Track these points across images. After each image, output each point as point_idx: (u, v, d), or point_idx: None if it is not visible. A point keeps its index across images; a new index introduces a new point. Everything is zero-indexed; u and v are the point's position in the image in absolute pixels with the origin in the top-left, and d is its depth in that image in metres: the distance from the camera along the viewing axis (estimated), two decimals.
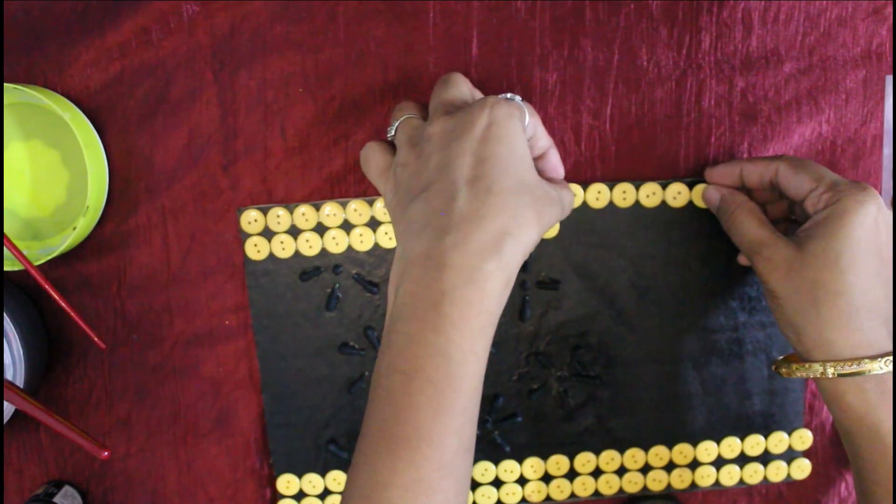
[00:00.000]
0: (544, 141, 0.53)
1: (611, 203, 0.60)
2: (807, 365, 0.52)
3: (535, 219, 0.47)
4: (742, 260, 0.60)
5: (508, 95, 0.50)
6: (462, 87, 0.52)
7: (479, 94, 0.53)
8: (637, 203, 0.60)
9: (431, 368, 0.45)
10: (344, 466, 0.63)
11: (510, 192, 0.46)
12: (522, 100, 0.50)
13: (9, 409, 0.57)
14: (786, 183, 0.54)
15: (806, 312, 0.52)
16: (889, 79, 0.60)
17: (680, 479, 0.65)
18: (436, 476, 0.44)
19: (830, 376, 0.51)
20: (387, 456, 0.44)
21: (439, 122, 0.49)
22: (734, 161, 0.58)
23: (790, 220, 0.58)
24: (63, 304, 0.55)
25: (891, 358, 0.50)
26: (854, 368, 0.50)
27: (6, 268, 0.54)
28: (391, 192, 0.50)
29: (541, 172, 0.52)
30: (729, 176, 0.58)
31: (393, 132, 0.52)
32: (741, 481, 0.65)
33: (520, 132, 0.48)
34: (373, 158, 0.52)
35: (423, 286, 0.45)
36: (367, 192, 0.59)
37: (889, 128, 0.61)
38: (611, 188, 0.59)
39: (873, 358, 0.50)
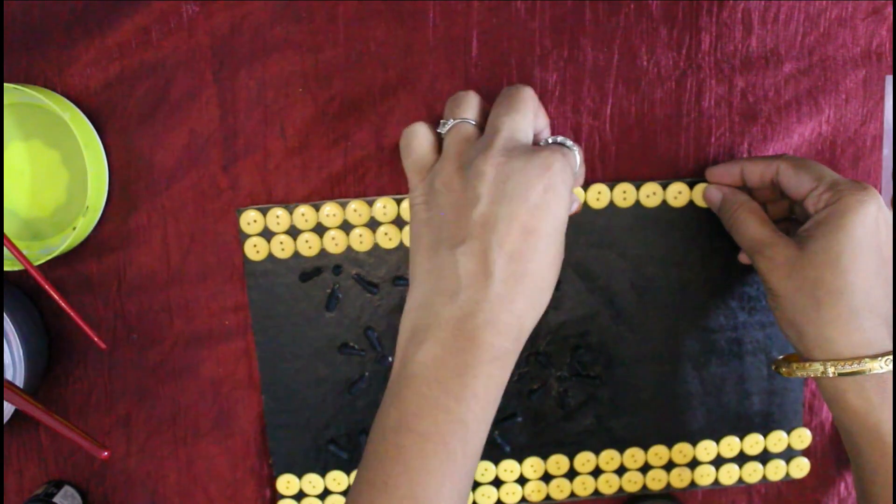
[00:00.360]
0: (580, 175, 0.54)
1: (611, 203, 0.60)
2: (807, 364, 0.52)
3: (551, 292, 0.49)
4: (743, 258, 0.60)
5: (560, 140, 0.49)
6: (527, 114, 0.50)
7: (541, 115, 0.52)
8: (637, 203, 0.60)
9: (448, 434, 0.45)
10: (344, 466, 0.63)
11: (542, 277, 0.47)
12: (574, 143, 0.50)
13: (9, 409, 0.57)
14: (786, 182, 0.54)
15: (806, 312, 0.52)
16: (889, 79, 0.60)
17: (679, 479, 0.65)
18: None
19: (831, 375, 0.51)
20: None
21: (494, 160, 0.47)
22: (735, 160, 0.58)
23: (790, 219, 0.58)
24: (63, 304, 0.55)
25: (891, 357, 0.50)
26: (855, 367, 0.50)
27: (6, 268, 0.54)
28: (422, 198, 0.50)
29: None
30: (730, 175, 0.58)
31: (445, 130, 0.51)
32: (740, 480, 0.65)
33: (568, 195, 0.48)
34: (417, 148, 0.51)
35: (449, 354, 0.46)
36: (367, 192, 0.59)
37: (889, 128, 0.61)
38: (611, 188, 0.59)
39: (874, 357, 0.50)
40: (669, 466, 0.65)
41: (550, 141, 0.50)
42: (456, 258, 0.47)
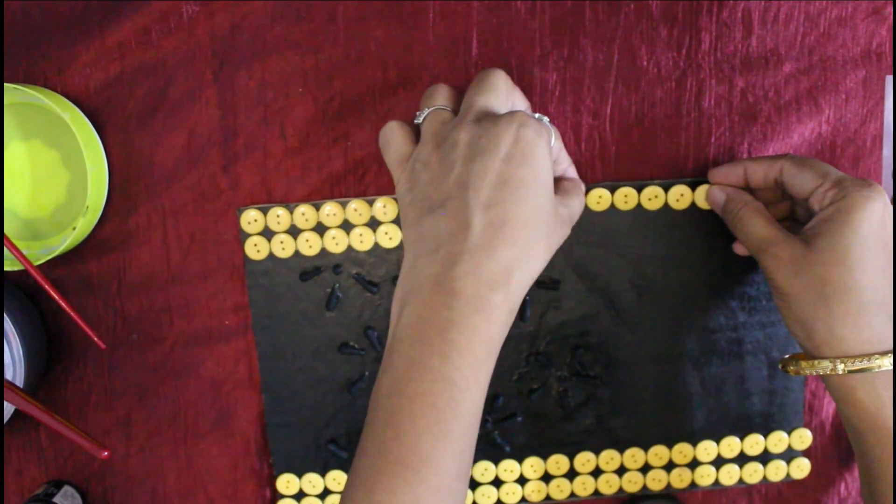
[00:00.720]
0: (565, 163, 0.54)
1: (612, 205, 0.60)
2: (816, 362, 0.52)
3: (545, 248, 0.48)
4: (738, 249, 0.60)
5: (536, 115, 0.49)
6: (499, 93, 0.50)
7: (517, 97, 0.52)
8: (639, 205, 0.60)
9: (434, 393, 0.45)
10: (344, 466, 0.63)
11: (524, 223, 0.46)
12: (550, 121, 0.50)
13: (9, 409, 0.57)
14: (790, 180, 0.54)
15: (815, 309, 0.52)
16: (889, 79, 0.60)
17: (680, 479, 0.65)
18: (433, 500, 0.44)
19: (840, 372, 0.51)
20: (385, 477, 0.44)
21: (467, 128, 0.48)
22: (737, 161, 0.58)
23: (792, 219, 0.58)
24: (63, 304, 0.55)
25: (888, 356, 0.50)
26: (864, 364, 0.50)
27: (6, 268, 0.54)
28: (406, 185, 0.50)
29: (556, 182, 0.52)
30: (733, 175, 0.58)
31: (421, 120, 0.51)
32: (741, 481, 0.65)
33: (545, 155, 0.48)
34: (393, 142, 0.52)
35: (430, 310, 0.46)
36: (367, 192, 0.59)
37: (889, 128, 0.61)
38: (612, 192, 0.59)
39: (884, 353, 0.50)
40: (670, 467, 0.65)
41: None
42: (436, 219, 0.47)
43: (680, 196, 0.60)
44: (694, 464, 0.65)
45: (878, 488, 0.52)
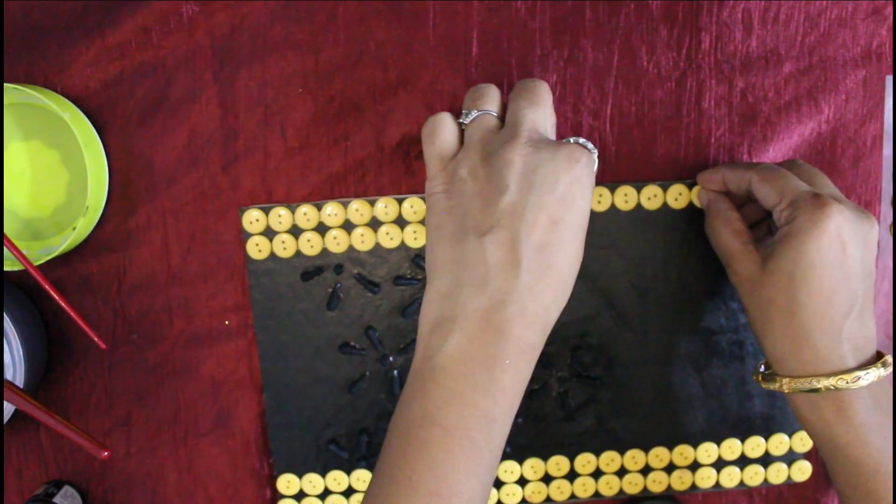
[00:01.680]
0: None
1: (612, 206, 0.60)
2: (771, 378, 0.54)
3: (572, 281, 0.49)
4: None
5: (588, 145, 0.49)
6: (547, 108, 0.50)
7: (551, 115, 0.51)
8: (639, 205, 0.60)
9: (475, 428, 0.45)
10: (344, 466, 0.62)
11: (568, 266, 0.47)
12: (594, 147, 0.50)
13: (9, 409, 0.57)
14: (757, 194, 0.54)
15: (763, 328, 0.53)
16: (889, 79, 0.60)
17: (680, 481, 0.65)
18: None
19: (786, 391, 0.52)
20: None
21: (522, 150, 0.47)
22: (717, 167, 0.58)
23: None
24: (63, 304, 0.55)
25: (844, 377, 0.50)
26: (805, 385, 0.51)
27: (6, 268, 0.54)
28: (443, 187, 0.49)
29: None
30: (714, 181, 0.58)
31: (468, 121, 0.50)
32: (741, 483, 0.65)
33: (591, 191, 0.48)
34: (440, 136, 0.50)
35: (477, 346, 0.45)
36: (367, 192, 0.59)
37: (889, 128, 0.61)
38: (612, 191, 0.59)
39: (827, 375, 0.50)
40: (670, 468, 0.65)
41: (572, 141, 0.49)
42: (484, 247, 0.46)
43: (678, 195, 0.60)
44: (695, 466, 0.65)
45: (839, 491, 0.54)
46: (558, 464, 0.64)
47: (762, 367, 0.58)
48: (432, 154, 0.50)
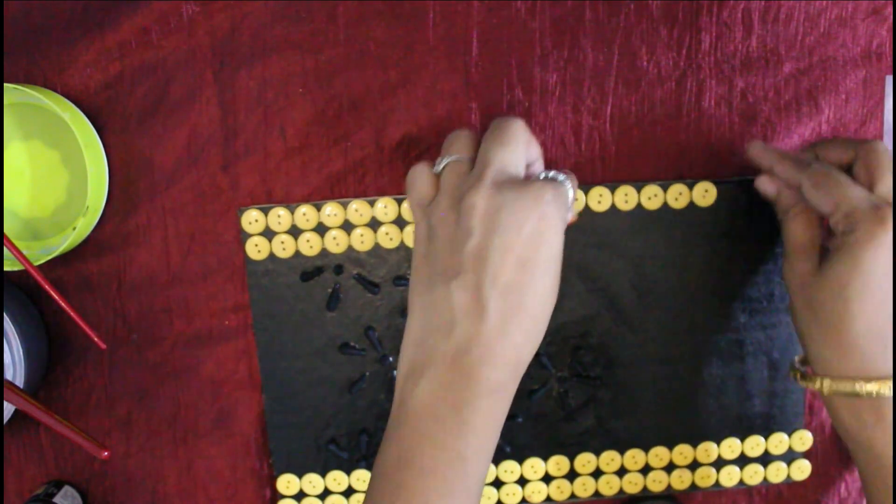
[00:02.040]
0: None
1: (612, 206, 0.60)
2: (810, 377, 0.53)
3: (547, 318, 0.49)
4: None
5: (555, 176, 0.49)
6: (517, 147, 0.49)
7: (533, 147, 0.51)
8: (639, 205, 0.60)
9: (447, 468, 0.46)
10: (344, 466, 0.63)
11: (540, 306, 0.47)
12: (568, 175, 0.49)
13: (9, 409, 0.57)
14: (810, 201, 0.53)
15: (809, 328, 0.53)
16: (889, 79, 0.60)
17: (680, 480, 0.65)
18: None
19: (826, 392, 0.52)
20: None
21: (485, 193, 0.47)
22: (769, 150, 0.56)
23: None
24: (63, 304, 0.55)
25: (889, 382, 0.50)
26: (847, 388, 0.51)
27: (6, 268, 0.54)
28: (423, 233, 0.50)
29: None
30: (765, 161, 0.56)
31: (439, 169, 0.51)
32: (741, 482, 0.65)
33: (562, 226, 0.48)
34: (417, 186, 0.51)
35: (445, 390, 0.46)
36: (367, 192, 0.59)
37: (889, 128, 0.61)
38: (612, 191, 0.59)
39: (868, 380, 0.50)
40: (670, 468, 0.65)
41: (542, 176, 0.49)
42: (450, 292, 0.46)
43: (678, 195, 0.59)
44: (694, 465, 0.65)
45: (871, 496, 0.53)
46: (558, 463, 0.64)
47: (798, 362, 0.57)
48: (412, 202, 0.51)
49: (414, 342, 0.48)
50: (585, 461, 0.64)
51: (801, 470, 0.65)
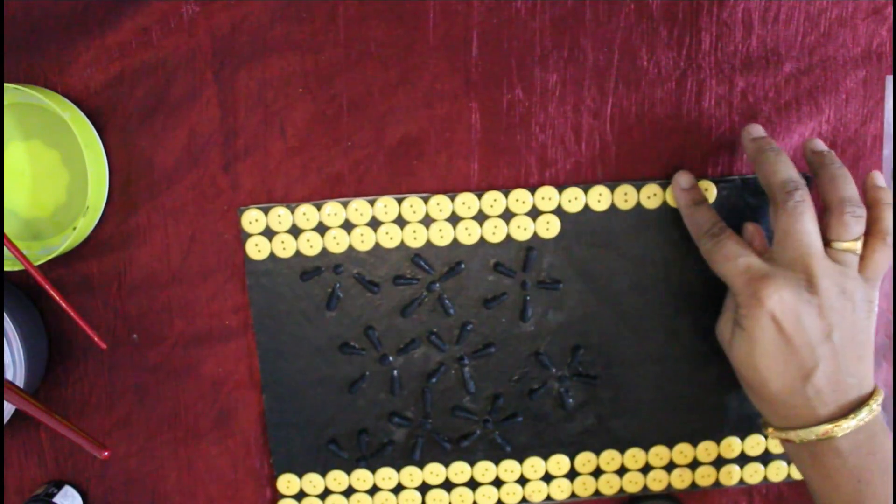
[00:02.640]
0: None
1: (612, 205, 0.60)
2: (763, 425, 0.58)
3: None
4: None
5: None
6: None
7: None
8: (638, 204, 0.60)
9: None
10: (344, 466, 0.63)
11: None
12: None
13: (9, 409, 0.57)
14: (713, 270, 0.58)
15: (742, 384, 0.58)
16: (889, 79, 0.60)
17: (680, 479, 0.65)
18: None
19: (769, 439, 0.57)
20: None
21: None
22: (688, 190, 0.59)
23: None
24: (63, 304, 0.55)
25: (814, 430, 0.53)
26: (783, 436, 0.55)
27: (6, 268, 0.54)
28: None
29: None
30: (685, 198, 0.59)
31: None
32: (741, 481, 0.65)
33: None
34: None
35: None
36: (367, 192, 0.59)
37: (889, 128, 0.61)
38: (612, 190, 0.59)
39: (798, 427, 0.54)
40: (670, 467, 0.65)
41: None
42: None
43: None
44: (695, 464, 0.65)
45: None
46: (558, 463, 0.64)
47: None
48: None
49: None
50: (585, 460, 0.64)
51: None
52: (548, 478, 0.64)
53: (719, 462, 0.65)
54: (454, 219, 0.59)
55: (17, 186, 0.57)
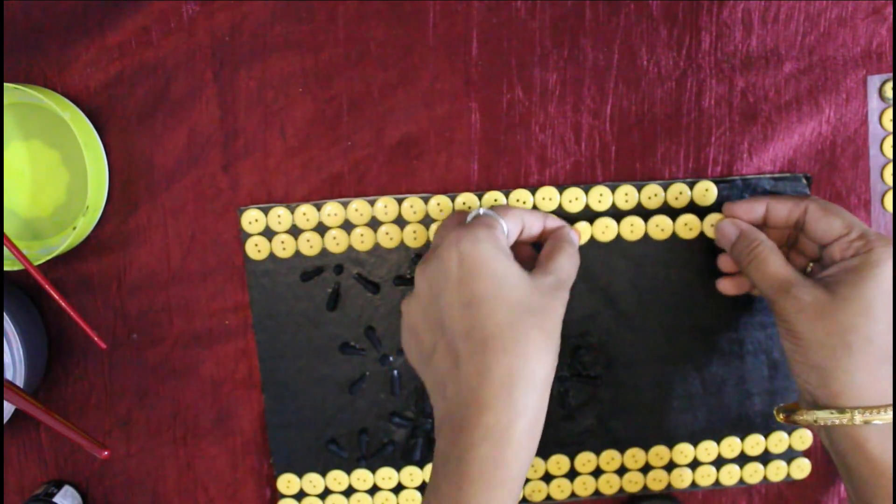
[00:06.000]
0: (537, 224, 0.55)
1: (613, 205, 0.60)
2: (831, 412, 0.51)
3: (543, 338, 0.48)
4: (723, 286, 0.60)
5: (480, 211, 0.52)
6: (449, 225, 0.52)
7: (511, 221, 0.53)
8: (639, 205, 0.60)
9: None
10: (344, 466, 0.63)
11: (507, 327, 0.47)
12: (493, 206, 0.52)
13: (9, 409, 0.57)
14: (814, 224, 0.54)
15: (837, 357, 0.50)
16: (871, 79, 0.60)
17: (680, 479, 0.65)
18: None
19: (857, 423, 0.49)
20: None
21: (419, 272, 0.51)
22: (760, 197, 0.57)
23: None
24: (63, 304, 0.55)
25: None
26: (882, 416, 0.49)
27: (6, 268, 0.54)
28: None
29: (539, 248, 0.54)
30: (752, 211, 0.57)
31: None
32: (741, 481, 0.65)
33: (494, 253, 0.49)
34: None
35: (449, 444, 0.47)
36: (367, 192, 0.59)
37: (874, 128, 0.61)
38: (612, 191, 0.59)
39: (888, 406, 0.49)
40: (670, 467, 0.65)
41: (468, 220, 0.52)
42: (433, 369, 0.50)
43: (679, 195, 0.59)
44: (694, 464, 0.65)
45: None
46: (558, 462, 0.64)
47: (781, 409, 0.57)
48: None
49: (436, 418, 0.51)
50: (586, 460, 0.64)
51: (801, 469, 0.65)
52: (548, 477, 0.64)
53: (719, 462, 0.65)
54: None
55: (17, 186, 0.57)
